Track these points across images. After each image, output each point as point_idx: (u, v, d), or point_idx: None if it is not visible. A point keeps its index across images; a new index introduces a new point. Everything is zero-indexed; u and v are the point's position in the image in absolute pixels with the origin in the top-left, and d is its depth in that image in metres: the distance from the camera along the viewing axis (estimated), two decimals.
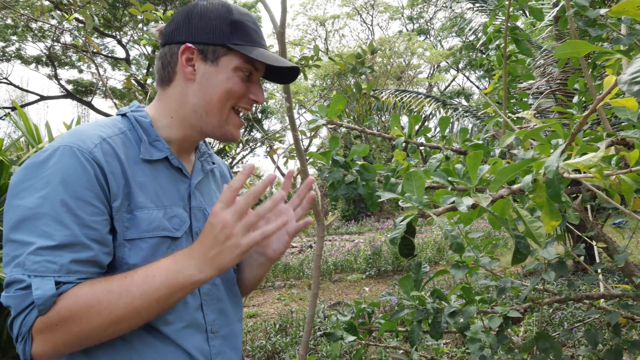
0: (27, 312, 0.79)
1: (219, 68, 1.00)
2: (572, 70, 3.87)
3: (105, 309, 0.82)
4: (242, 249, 0.86)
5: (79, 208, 0.84)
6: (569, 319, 4.45)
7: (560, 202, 0.84)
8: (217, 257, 0.86)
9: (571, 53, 0.73)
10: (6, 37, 17.54)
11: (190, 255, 0.87)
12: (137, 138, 0.99)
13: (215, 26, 1.00)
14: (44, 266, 0.80)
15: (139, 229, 0.92)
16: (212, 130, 1.03)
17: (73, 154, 0.86)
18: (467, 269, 1.59)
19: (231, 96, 1.01)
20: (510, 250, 9.37)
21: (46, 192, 0.83)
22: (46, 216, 0.82)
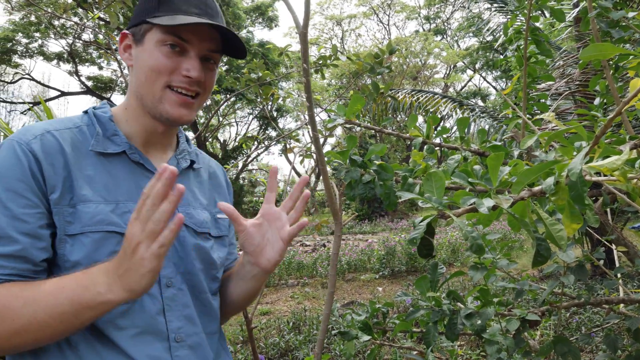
0: None
1: (144, 46, 0.94)
2: (593, 71, 3.82)
3: (9, 315, 0.75)
4: (146, 266, 0.74)
5: (9, 200, 0.80)
6: (586, 324, 4.39)
7: (583, 205, 0.84)
8: (125, 275, 0.75)
9: (597, 56, 0.73)
10: (30, 34, 17.88)
11: (104, 271, 0.77)
12: (95, 133, 0.94)
13: (143, 5, 0.96)
14: None
15: (81, 223, 0.86)
16: (150, 112, 0.96)
17: (11, 147, 0.84)
18: (485, 270, 1.58)
19: (158, 73, 0.93)
20: (527, 252, 9.29)
21: None
22: None
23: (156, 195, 0.72)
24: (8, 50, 18.16)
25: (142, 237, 0.73)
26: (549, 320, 3.82)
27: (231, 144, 24.23)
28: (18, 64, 19.36)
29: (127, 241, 0.74)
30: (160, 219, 0.73)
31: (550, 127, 2.49)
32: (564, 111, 4.44)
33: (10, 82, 20.44)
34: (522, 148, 1.27)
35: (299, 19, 1.29)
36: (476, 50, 23.71)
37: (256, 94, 2.97)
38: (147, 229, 0.73)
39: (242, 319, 5.82)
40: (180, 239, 0.99)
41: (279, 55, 3.07)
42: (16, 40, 18.15)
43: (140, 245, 0.73)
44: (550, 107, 3.94)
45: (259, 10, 20.54)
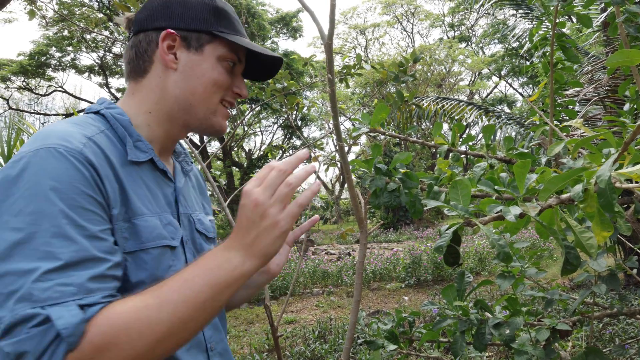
0: (52, 351, 0.62)
1: (204, 56, 0.92)
2: (622, 76, 3.75)
3: (147, 327, 0.68)
4: (282, 227, 0.75)
5: (82, 218, 0.71)
6: (620, 335, 4.27)
7: (613, 212, 0.82)
8: (257, 242, 0.74)
9: (624, 62, 0.72)
10: (63, 48, 18.49)
11: (228, 247, 0.76)
12: (118, 138, 0.86)
13: (198, 12, 0.92)
14: (58, 291, 0.65)
15: (140, 239, 0.81)
16: (197, 123, 0.94)
17: (60, 156, 0.73)
18: (513, 279, 1.56)
19: (218, 87, 0.93)
20: (556, 261, 9.08)
21: (37, 206, 0.68)
22: (44, 234, 0.67)
23: (289, 165, 0.76)
24: (42, 63, 18.81)
25: (272, 202, 0.74)
26: (581, 331, 3.72)
27: (256, 153, 24.46)
28: (51, 77, 20.01)
29: (249, 209, 0.74)
30: (296, 183, 0.76)
31: (578, 134, 2.45)
32: (593, 117, 4.35)
33: (44, 94, 21.10)
34: (549, 155, 1.26)
35: (324, 30, 1.31)
36: (502, 57, 23.45)
37: (281, 103, 3.00)
38: (280, 193, 0.75)
39: (267, 327, 5.84)
40: (198, 247, 0.98)
41: (304, 65, 3.10)
42: (50, 54, 18.79)
43: (270, 209, 0.74)
44: (578, 113, 3.87)
45: (284, 21, 20.78)
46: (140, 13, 0.94)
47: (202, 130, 0.96)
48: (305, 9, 1.42)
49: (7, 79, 19.10)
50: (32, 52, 18.55)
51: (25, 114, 20.56)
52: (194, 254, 0.96)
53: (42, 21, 16.15)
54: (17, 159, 0.73)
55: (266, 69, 1.04)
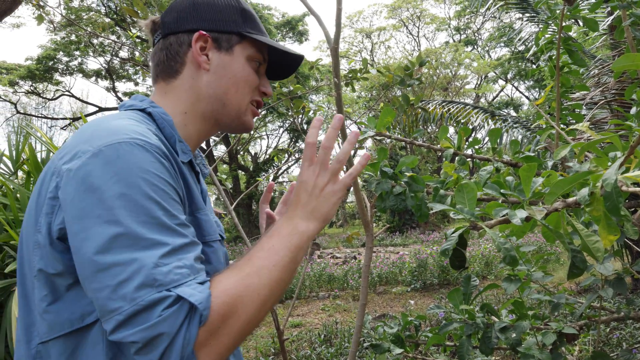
0: (186, 328, 0.65)
1: (234, 57, 0.95)
2: (629, 80, 3.73)
3: (255, 292, 0.74)
4: (339, 194, 0.85)
5: (172, 207, 0.74)
6: (627, 340, 4.23)
7: (619, 216, 0.83)
8: (317, 210, 0.84)
9: (630, 66, 0.72)
10: (70, 53, 18.65)
11: (291, 217, 0.84)
12: (164, 137, 0.88)
13: (227, 15, 0.95)
14: (178, 273, 0.68)
15: (202, 233, 0.87)
16: (229, 121, 0.98)
17: (144, 149, 0.74)
18: (519, 282, 1.56)
19: (249, 86, 0.97)
20: (563, 265, 9.03)
21: (131, 198, 0.69)
22: (144, 224, 0.69)
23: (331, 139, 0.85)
24: (50, 68, 18.96)
25: (326, 177, 0.85)
26: (588, 335, 3.70)
27: (262, 157, 24.49)
28: (59, 81, 20.17)
29: (310, 185, 0.84)
30: (344, 159, 0.86)
31: (584, 138, 2.44)
32: (600, 121, 4.33)
33: (51, 98, 21.26)
34: (555, 159, 1.26)
35: (330, 34, 1.32)
36: (508, 60, 23.39)
37: (287, 107, 3.02)
38: (332, 169, 0.85)
39: (273, 330, 5.84)
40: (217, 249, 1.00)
41: (310, 69, 3.11)
42: (57, 58, 18.94)
43: (327, 184, 0.85)
44: (585, 116, 3.86)
45: (290, 25, 20.84)
46: (167, 16, 0.96)
47: (232, 129, 1.00)
48: (312, 13, 1.43)
49: (15, 84, 19.26)
50: (40, 56, 18.71)
51: (33, 118, 20.72)
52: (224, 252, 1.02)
53: (49, 26, 16.30)
54: (94, 153, 0.72)
55: (286, 67, 1.07)
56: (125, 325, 0.64)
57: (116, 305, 0.64)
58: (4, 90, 19.55)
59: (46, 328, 0.75)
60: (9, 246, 2.65)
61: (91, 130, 0.78)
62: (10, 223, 2.61)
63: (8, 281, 2.49)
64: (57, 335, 0.75)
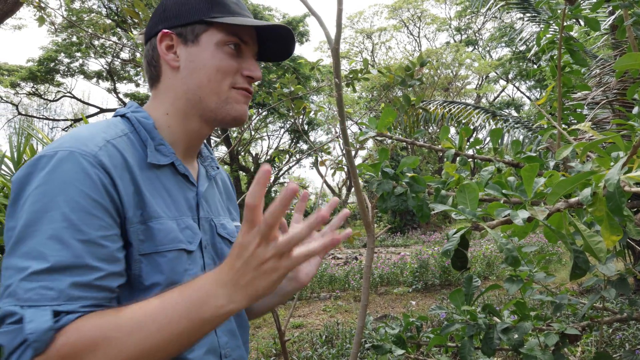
0: (21, 352, 0.64)
1: (201, 46, 0.91)
2: (631, 79, 3.72)
3: (114, 347, 0.66)
4: (281, 272, 0.69)
5: (83, 222, 0.71)
6: (630, 340, 4.22)
7: (622, 216, 0.82)
8: (251, 285, 0.69)
9: (632, 65, 0.72)
10: (71, 54, 18.69)
11: (218, 282, 0.70)
12: (141, 141, 0.88)
13: (191, 5, 0.92)
14: (39, 293, 0.66)
15: (155, 242, 0.82)
16: (212, 114, 0.93)
17: (74, 160, 0.74)
18: (521, 283, 1.55)
19: (223, 74, 0.91)
20: (565, 266, 9.01)
21: (42, 206, 0.70)
22: (42, 234, 0.69)
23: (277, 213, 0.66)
24: (51, 69, 18.99)
25: (269, 254, 0.68)
26: (591, 336, 3.69)
27: (263, 158, 24.51)
28: (60, 83, 20.19)
29: (248, 253, 0.68)
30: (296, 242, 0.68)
31: (586, 138, 2.43)
32: (602, 121, 4.32)
33: (52, 100, 21.29)
34: (557, 159, 1.25)
35: (330, 35, 1.32)
36: (509, 60, 23.37)
37: (288, 107, 3.01)
38: (279, 247, 0.68)
39: (275, 331, 5.84)
40: (219, 251, 0.98)
41: (311, 69, 3.11)
42: (58, 60, 18.96)
43: (270, 260, 0.69)
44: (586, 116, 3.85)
45: (290, 26, 20.79)
46: (148, 24, 0.97)
47: (220, 121, 0.95)
48: (312, 14, 1.43)
49: (17, 85, 19.29)
50: (41, 58, 18.74)
51: (34, 120, 20.76)
52: (214, 259, 0.96)
53: (51, 27, 16.32)
54: (38, 157, 0.75)
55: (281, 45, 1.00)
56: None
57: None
58: (5, 91, 19.59)
59: None
60: None
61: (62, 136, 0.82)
62: None
63: None
64: None
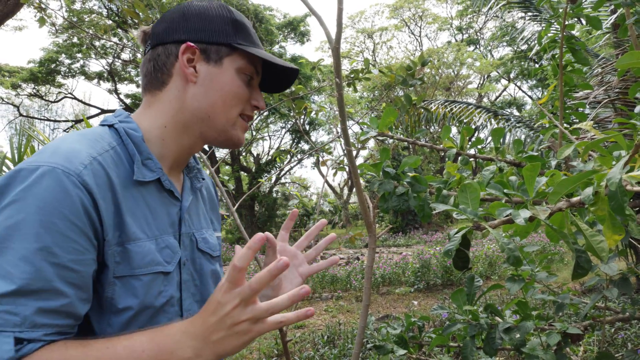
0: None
1: (223, 69, 0.91)
2: (633, 79, 3.71)
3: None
4: (253, 335, 0.71)
5: (56, 244, 0.68)
6: (633, 340, 4.21)
7: (624, 215, 0.82)
8: (221, 342, 0.70)
9: (634, 64, 0.72)
10: (72, 55, 18.71)
11: (188, 334, 0.71)
12: (128, 155, 0.84)
13: (217, 25, 0.91)
14: (2, 318, 0.64)
15: (131, 265, 0.79)
16: (215, 134, 0.93)
17: (56, 177, 0.71)
18: (523, 282, 1.55)
19: (237, 100, 0.92)
20: (567, 265, 9.00)
21: (15, 222, 0.67)
22: (12, 253, 0.66)
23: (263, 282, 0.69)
24: (52, 70, 19.02)
25: (245, 316, 0.70)
26: (593, 336, 3.68)
27: (264, 158, 24.51)
28: (61, 84, 20.21)
29: (224, 312, 0.70)
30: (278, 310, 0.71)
31: (588, 137, 2.43)
32: (603, 120, 4.32)
33: (54, 101, 21.32)
34: (559, 158, 1.25)
35: (331, 34, 1.31)
36: (510, 60, 23.34)
37: (289, 108, 3.01)
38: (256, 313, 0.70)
39: (276, 332, 5.84)
40: (198, 267, 0.96)
41: (312, 69, 3.11)
42: (59, 61, 18.99)
43: (244, 322, 0.70)
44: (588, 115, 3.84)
45: (291, 26, 20.85)
46: (157, 26, 0.93)
47: (219, 143, 0.95)
48: (313, 14, 1.43)
49: (18, 86, 19.32)
50: (42, 59, 18.76)
51: (35, 121, 20.79)
52: (192, 275, 0.94)
53: (51, 28, 16.35)
54: (17, 170, 0.72)
55: (282, 80, 1.03)
56: None
57: None
58: (6, 93, 19.62)
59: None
60: None
61: (45, 147, 0.78)
62: None
63: None
64: None
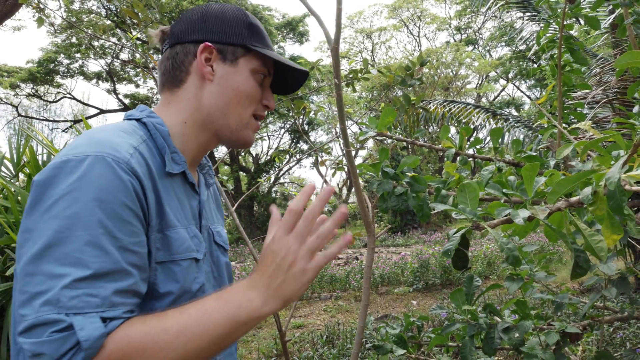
0: (69, 359, 0.65)
1: (238, 69, 0.96)
2: (631, 78, 3.72)
3: (161, 350, 0.70)
4: (309, 276, 0.76)
5: (117, 229, 0.72)
6: (631, 339, 4.22)
7: (622, 215, 0.82)
8: (282, 287, 0.76)
9: (633, 63, 0.72)
10: (71, 55, 18.68)
11: (251, 287, 0.77)
12: (157, 148, 0.89)
13: (234, 27, 0.96)
14: (84, 301, 0.67)
15: (170, 251, 0.83)
16: (229, 133, 0.97)
17: (108, 165, 0.74)
18: (521, 281, 1.55)
19: (251, 99, 0.97)
20: (566, 265, 9.01)
21: (76, 211, 0.70)
22: (79, 240, 0.69)
23: (316, 212, 0.76)
24: (51, 70, 18.99)
25: (303, 253, 0.75)
26: (591, 335, 3.69)
27: (263, 158, 24.50)
28: (60, 84, 20.19)
29: (279, 255, 0.76)
30: (326, 236, 0.77)
31: (587, 137, 2.43)
32: (602, 120, 4.32)
33: (52, 101, 21.29)
34: (558, 158, 1.25)
35: (330, 34, 1.31)
36: (509, 60, 23.36)
37: (288, 108, 3.01)
38: (311, 244, 0.76)
39: (275, 332, 5.84)
40: (215, 259, 1.00)
41: (310, 69, 3.11)
42: (58, 61, 18.96)
43: (299, 260, 0.75)
44: (587, 115, 3.85)
45: (290, 26, 20.86)
46: (176, 26, 0.97)
47: (231, 142, 0.99)
48: (312, 14, 1.43)
49: (17, 86, 19.29)
50: (41, 59, 18.73)
51: (34, 121, 20.75)
52: (212, 266, 0.99)
53: (50, 28, 16.32)
54: (63, 161, 0.74)
55: (291, 82, 1.08)
56: (26, 333, 0.66)
57: (26, 312, 0.66)
58: (5, 93, 19.60)
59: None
60: (10, 249, 2.65)
61: (77, 139, 0.81)
62: (11, 226, 2.61)
63: (9, 284, 2.49)
64: None
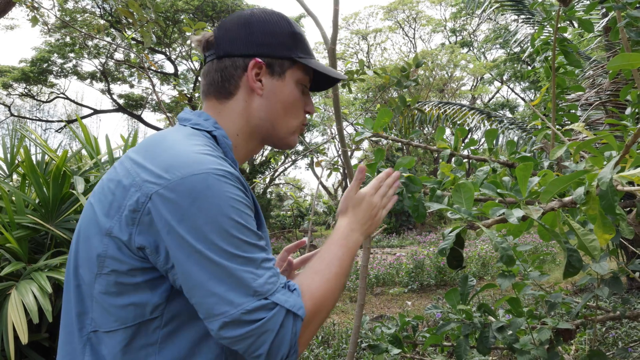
0: (292, 324, 0.79)
1: (285, 82, 0.99)
2: (624, 81, 3.75)
3: (333, 293, 0.89)
4: (381, 217, 1.07)
5: (253, 227, 0.83)
6: (623, 339, 4.25)
7: (614, 215, 0.83)
8: (369, 228, 1.04)
9: (625, 65, 0.73)
10: (65, 55, 18.55)
11: (354, 229, 1.01)
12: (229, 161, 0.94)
13: (280, 39, 0.98)
14: (270, 282, 0.80)
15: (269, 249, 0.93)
16: (275, 141, 1.04)
17: (226, 180, 0.82)
18: (514, 277, 1.57)
19: (299, 110, 1.02)
20: (559, 266, 9.05)
21: (220, 225, 0.79)
22: (238, 246, 0.79)
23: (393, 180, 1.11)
24: (44, 70, 18.84)
25: (381, 205, 1.07)
26: (584, 335, 3.71)
27: (258, 159, 24.47)
28: (53, 84, 20.05)
29: (370, 207, 1.05)
30: (392, 194, 1.11)
31: (580, 138, 2.45)
32: (595, 121, 4.36)
33: (46, 101, 21.17)
34: (551, 159, 1.26)
35: (327, 35, 1.32)
36: (503, 62, 23.44)
37: None
38: (385, 201, 1.09)
39: None
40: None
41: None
42: (52, 60, 18.82)
43: (381, 210, 1.07)
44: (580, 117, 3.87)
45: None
46: (221, 36, 0.98)
47: (278, 146, 1.06)
48: (309, 14, 1.44)
49: (9, 86, 19.13)
50: (34, 58, 18.58)
51: (27, 121, 20.64)
52: None
53: (44, 28, 16.23)
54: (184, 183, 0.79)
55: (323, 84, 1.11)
56: (231, 326, 0.76)
57: (223, 309, 0.76)
58: None
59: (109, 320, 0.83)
60: (4, 249, 2.64)
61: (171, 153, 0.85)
62: (5, 226, 2.60)
63: (4, 284, 2.48)
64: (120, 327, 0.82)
